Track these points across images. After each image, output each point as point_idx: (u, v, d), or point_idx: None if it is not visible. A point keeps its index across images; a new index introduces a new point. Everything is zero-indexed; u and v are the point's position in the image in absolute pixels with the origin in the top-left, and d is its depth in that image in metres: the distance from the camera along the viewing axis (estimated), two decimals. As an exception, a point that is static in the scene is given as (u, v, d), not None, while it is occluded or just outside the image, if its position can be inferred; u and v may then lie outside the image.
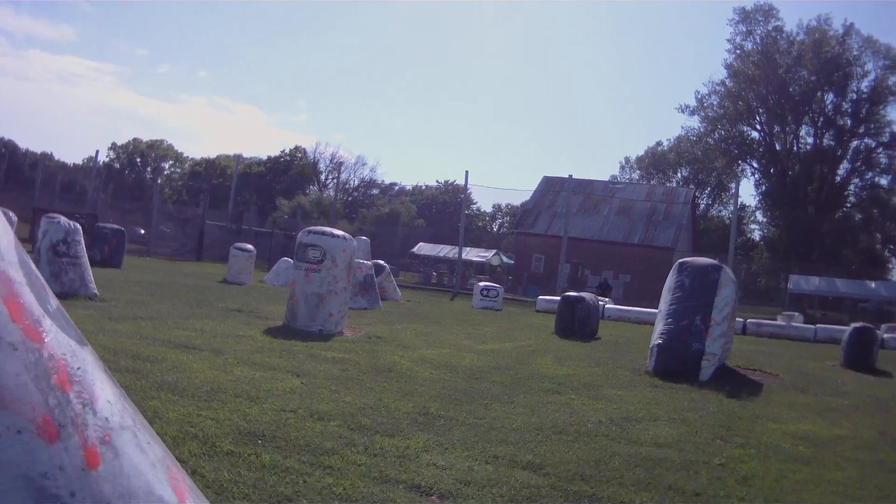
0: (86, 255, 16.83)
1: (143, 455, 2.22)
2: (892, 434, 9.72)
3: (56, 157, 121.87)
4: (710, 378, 13.03)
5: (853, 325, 19.60)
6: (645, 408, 9.79)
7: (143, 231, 54.01)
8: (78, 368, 2.20)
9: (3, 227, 2.31)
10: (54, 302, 2.32)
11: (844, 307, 55.19)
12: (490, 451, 6.61)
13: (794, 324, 32.50)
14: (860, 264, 71.72)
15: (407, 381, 9.93)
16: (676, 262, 14.80)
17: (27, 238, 30.53)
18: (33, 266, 2.33)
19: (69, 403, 2.08)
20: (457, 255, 49.43)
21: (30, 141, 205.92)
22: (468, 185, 51.50)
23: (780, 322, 33.05)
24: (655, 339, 13.72)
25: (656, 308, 15.52)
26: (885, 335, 27.14)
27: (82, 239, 16.79)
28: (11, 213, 24.72)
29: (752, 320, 30.82)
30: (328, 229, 15.77)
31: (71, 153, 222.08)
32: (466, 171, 49.30)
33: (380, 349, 12.84)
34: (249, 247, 31.24)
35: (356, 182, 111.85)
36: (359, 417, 7.35)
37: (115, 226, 32.21)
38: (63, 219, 16.89)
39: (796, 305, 49.69)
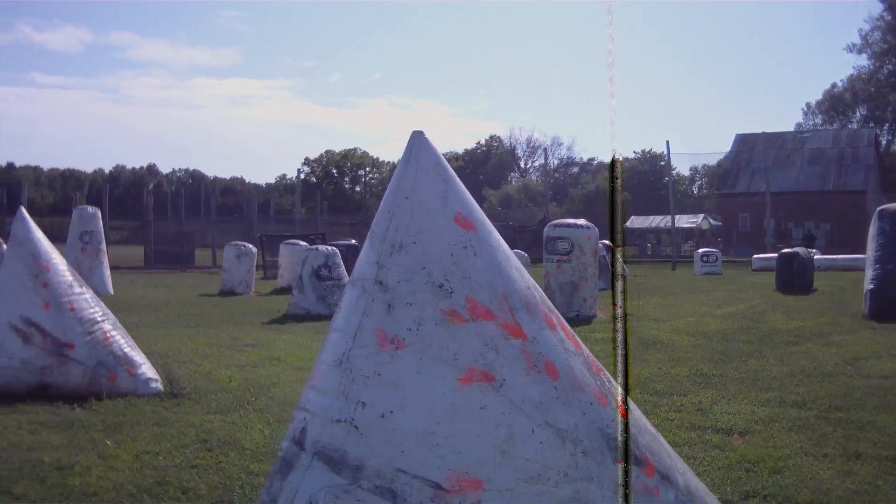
0: (347, 276, 16.70)
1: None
2: None
3: (247, 179, 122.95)
4: (920, 314, 14.12)
5: None
6: (868, 348, 11.22)
7: (354, 242, 53.24)
8: (594, 360, 3.52)
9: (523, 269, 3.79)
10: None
11: None
12: (761, 396, 8.13)
13: None
14: None
15: (673, 349, 11.37)
16: (876, 211, 15.71)
17: (261, 265, 31.09)
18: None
19: (602, 381, 3.40)
20: (667, 224, 50.04)
21: (215, 168, 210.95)
22: (670, 154, 51.14)
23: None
24: (867, 285, 14.84)
25: (860, 254, 16.50)
26: None
27: (342, 261, 17.45)
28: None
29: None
30: (572, 221, 17.11)
31: (261, 173, 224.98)
32: (668, 142, 49.46)
33: (636, 325, 14.07)
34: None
35: (555, 163, 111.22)
36: (651, 385, 8.74)
37: (349, 241, 32.51)
38: (323, 246, 18.09)
39: None
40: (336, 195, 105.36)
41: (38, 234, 8.44)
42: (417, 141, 3.48)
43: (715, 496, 3.87)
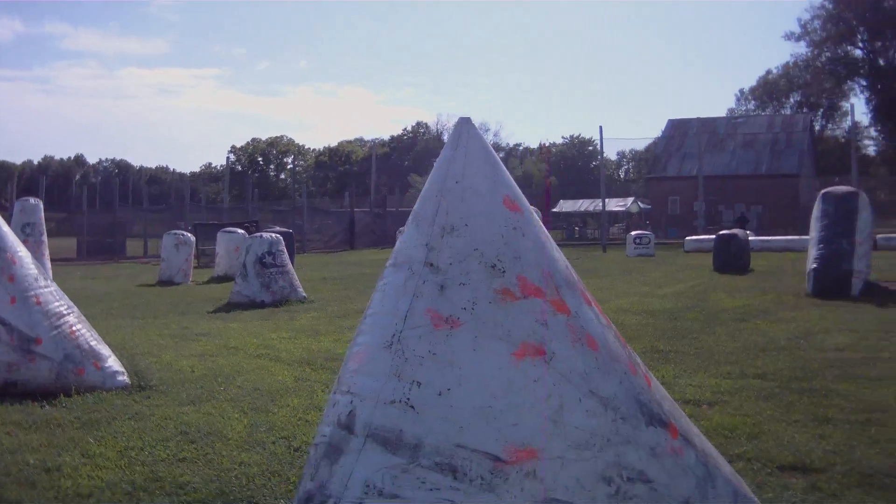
0: (290, 263, 17.26)
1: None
2: None
3: (171, 168, 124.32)
4: (859, 293, 14.60)
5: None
6: (818, 323, 11.50)
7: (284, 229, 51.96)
8: (619, 334, 3.61)
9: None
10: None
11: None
12: (721, 370, 8.30)
13: (920, 233, 33.01)
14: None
15: (622, 328, 10.92)
16: (820, 194, 16.17)
17: (196, 254, 29.63)
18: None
19: (629, 353, 3.48)
20: (596, 208, 50.14)
21: (141, 157, 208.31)
22: (603, 140, 49.89)
23: (908, 233, 33.50)
24: (811, 265, 15.24)
25: (793, 235, 16.76)
26: None
27: (285, 248, 17.08)
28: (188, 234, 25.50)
29: (881, 236, 30.88)
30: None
31: (186, 162, 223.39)
32: (601, 127, 48.71)
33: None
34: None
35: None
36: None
37: (282, 228, 31.23)
38: (266, 233, 17.67)
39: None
40: (261, 183, 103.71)
41: (5, 227, 7.96)
42: (465, 127, 3.53)
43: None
